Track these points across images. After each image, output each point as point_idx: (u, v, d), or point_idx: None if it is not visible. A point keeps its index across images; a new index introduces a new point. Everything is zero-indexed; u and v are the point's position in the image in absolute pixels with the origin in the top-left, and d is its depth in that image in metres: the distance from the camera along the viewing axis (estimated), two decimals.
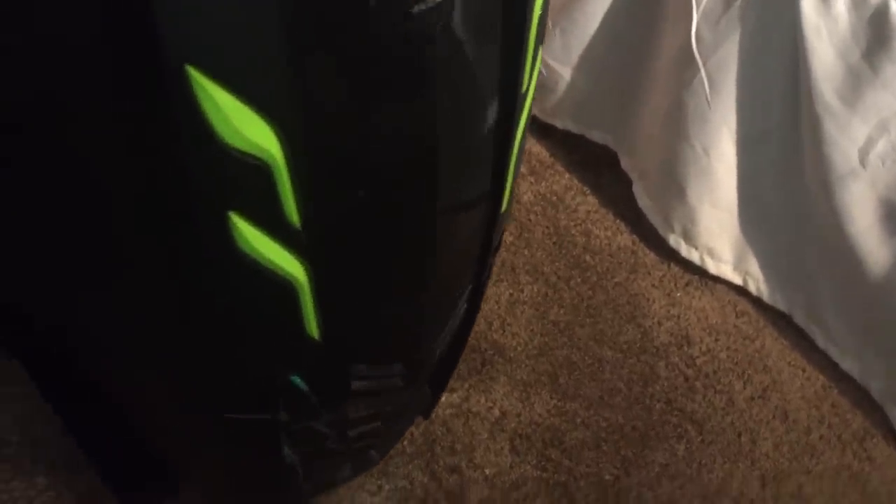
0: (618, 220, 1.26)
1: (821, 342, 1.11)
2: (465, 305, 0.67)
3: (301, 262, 0.48)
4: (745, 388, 1.09)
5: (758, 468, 1.01)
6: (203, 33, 0.37)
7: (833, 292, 1.08)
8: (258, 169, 0.43)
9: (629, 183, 1.27)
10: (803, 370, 1.11)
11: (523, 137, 0.59)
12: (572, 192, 1.29)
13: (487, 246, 0.61)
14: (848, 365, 1.09)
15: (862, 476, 1.01)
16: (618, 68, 1.19)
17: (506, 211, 0.63)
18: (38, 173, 0.42)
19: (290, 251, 0.47)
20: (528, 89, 0.55)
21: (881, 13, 0.89)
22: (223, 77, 0.39)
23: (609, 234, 1.24)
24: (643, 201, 1.22)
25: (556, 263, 1.20)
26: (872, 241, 0.99)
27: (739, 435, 1.04)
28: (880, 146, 0.94)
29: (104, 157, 0.41)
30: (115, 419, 0.70)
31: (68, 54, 0.37)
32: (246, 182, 0.43)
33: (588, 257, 1.21)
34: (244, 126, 0.41)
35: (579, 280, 1.18)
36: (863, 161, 0.95)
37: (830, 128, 0.96)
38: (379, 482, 0.95)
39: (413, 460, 0.97)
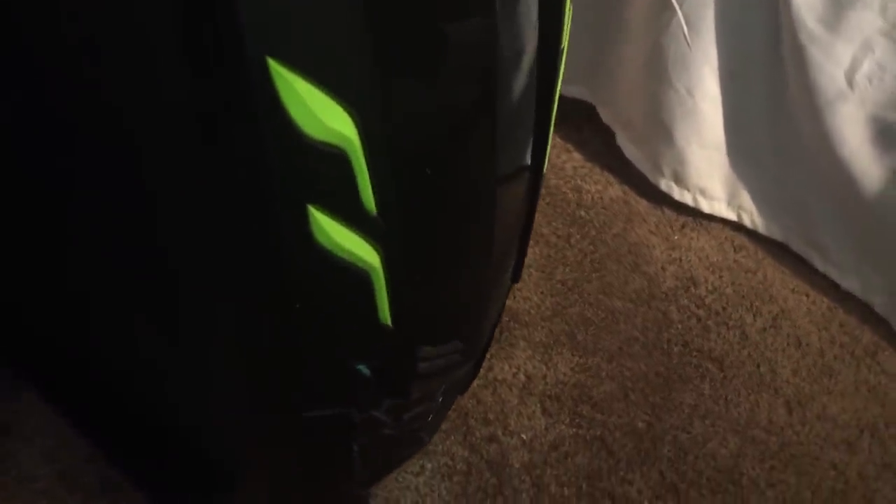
0: (606, 173, 1.26)
1: (820, 265, 1.14)
2: (510, 275, 0.67)
3: (376, 250, 0.47)
4: (755, 321, 1.11)
5: (781, 395, 1.03)
6: (284, 24, 0.36)
7: (828, 215, 1.10)
8: (337, 158, 0.41)
9: (611, 135, 1.27)
10: (807, 295, 1.14)
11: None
12: (556, 150, 1.29)
13: (532, 211, 0.61)
14: (849, 284, 1.12)
15: (880, 389, 1.04)
16: (589, 21, 1.19)
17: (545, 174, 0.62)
18: (115, 173, 0.41)
19: (366, 239, 0.46)
20: (565, 46, 0.55)
21: None
22: (304, 66, 0.37)
23: (599, 187, 1.25)
24: (629, 150, 1.23)
25: (554, 223, 1.20)
26: (865, 160, 1.01)
27: (758, 366, 1.06)
28: (866, 66, 0.95)
29: (183, 156, 0.40)
30: (160, 427, 0.68)
31: (147, 49, 0.36)
32: (325, 173, 0.42)
33: (583, 213, 1.21)
34: (324, 115, 0.39)
35: (578, 237, 1.18)
36: (850, 83, 0.97)
37: (815, 53, 0.97)
38: (421, 462, 0.95)
39: (450, 436, 0.97)
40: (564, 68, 1.30)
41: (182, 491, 0.80)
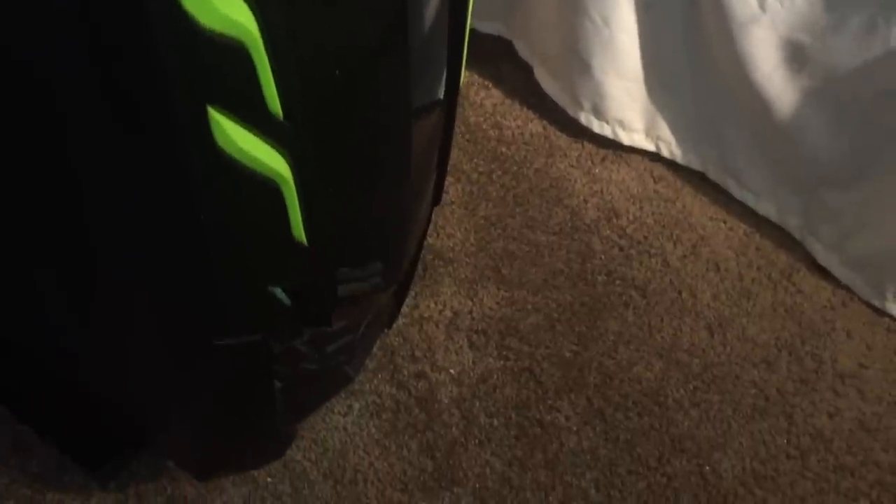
0: (525, 109, 1.25)
1: (736, 192, 1.15)
2: (431, 196, 0.65)
3: (285, 158, 0.45)
4: (675, 248, 1.12)
5: (703, 319, 1.05)
6: None
7: (743, 142, 1.11)
8: (236, 52, 0.39)
9: (529, 70, 1.26)
10: (724, 221, 1.15)
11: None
12: (475, 88, 1.27)
13: (450, 131, 0.59)
14: (765, 209, 1.14)
15: (796, 308, 1.07)
16: None
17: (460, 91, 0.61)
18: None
19: (273, 146, 0.44)
20: None
21: None
22: None
23: (519, 123, 1.23)
24: (548, 85, 1.22)
25: (475, 160, 1.18)
26: (778, 82, 1.02)
27: (680, 292, 1.07)
28: None
29: (70, 54, 0.36)
30: (72, 381, 0.65)
31: None
32: (224, 69, 0.39)
33: (504, 149, 1.20)
34: (220, 2, 0.37)
35: (500, 172, 1.17)
36: (762, 5, 0.98)
37: None
38: (348, 402, 0.94)
39: (377, 374, 0.96)
40: (480, 3, 1.27)
41: (99, 447, 0.77)
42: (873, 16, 0.93)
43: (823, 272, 1.09)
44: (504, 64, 1.29)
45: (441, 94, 0.56)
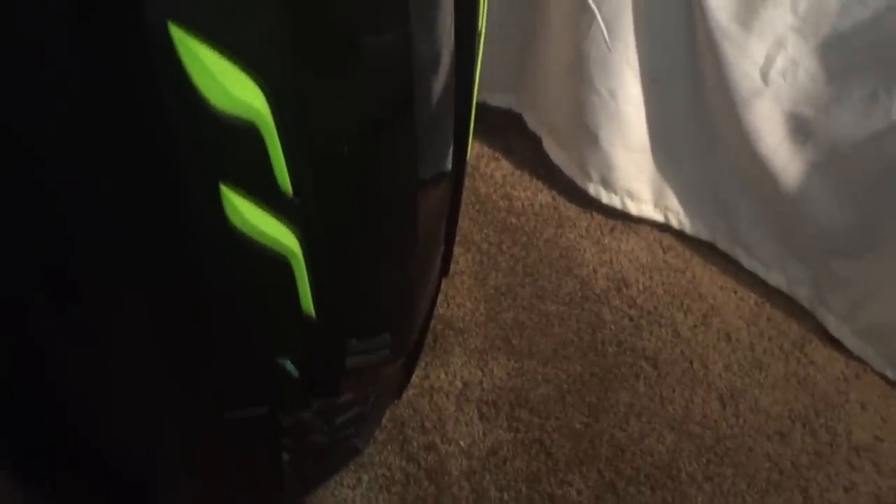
0: (535, 180, 1.27)
1: (746, 262, 1.16)
2: (439, 268, 0.66)
3: (295, 234, 0.46)
4: (686, 318, 1.12)
5: (714, 390, 1.04)
6: None
7: (751, 212, 1.12)
8: (247, 132, 0.40)
9: (538, 142, 1.28)
10: (735, 292, 1.15)
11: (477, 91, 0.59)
12: (485, 160, 1.29)
13: (457, 203, 0.60)
14: (775, 279, 1.14)
15: (809, 379, 1.06)
16: (511, 30, 1.20)
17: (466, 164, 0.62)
18: (13, 152, 0.38)
19: (284, 222, 0.45)
20: (481, 30, 0.55)
21: None
22: (207, 32, 0.36)
23: (529, 194, 1.25)
24: (556, 156, 1.23)
25: (485, 231, 1.20)
26: (783, 155, 1.03)
27: (691, 362, 1.07)
28: (779, 62, 0.98)
29: (85, 132, 0.38)
30: (79, 451, 0.65)
31: (41, 12, 0.34)
32: (236, 148, 0.41)
33: (513, 220, 1.22)
34: (231, 84, 0.38)
35: (510, 243, 1.18)
36: (765, 79, 0.99)
37: (730, 52, 0.99)
38: (357, 474, 0.93)
39: (387, 446, 0.95)
40: (490, 78, 1.30)
41: None
42: (874, 88, 0.95)
43: (836, 343, 1.08)
44: (513, 136, 1.31)
45: (448, 167, 0.57)
